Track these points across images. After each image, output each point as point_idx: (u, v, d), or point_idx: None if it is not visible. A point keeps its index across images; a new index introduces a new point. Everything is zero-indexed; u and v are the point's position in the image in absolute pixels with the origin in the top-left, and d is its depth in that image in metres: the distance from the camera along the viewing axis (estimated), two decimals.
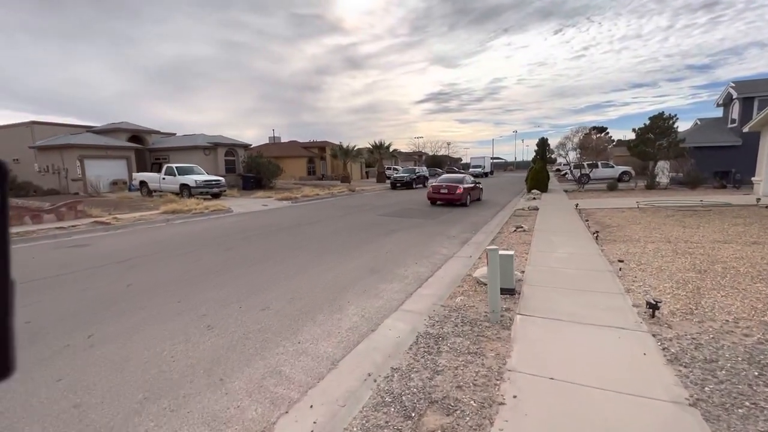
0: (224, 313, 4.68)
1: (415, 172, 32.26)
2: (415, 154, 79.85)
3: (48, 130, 24.36)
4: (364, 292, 5.49)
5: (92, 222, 11.93)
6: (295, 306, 4.92)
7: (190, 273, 6.47)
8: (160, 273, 6.51)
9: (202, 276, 6.28)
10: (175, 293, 5.43)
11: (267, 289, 5.58)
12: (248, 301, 5.10)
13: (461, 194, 15.97)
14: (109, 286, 5.85)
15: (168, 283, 5.89)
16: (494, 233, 9.63)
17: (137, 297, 5.31)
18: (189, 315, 4.65)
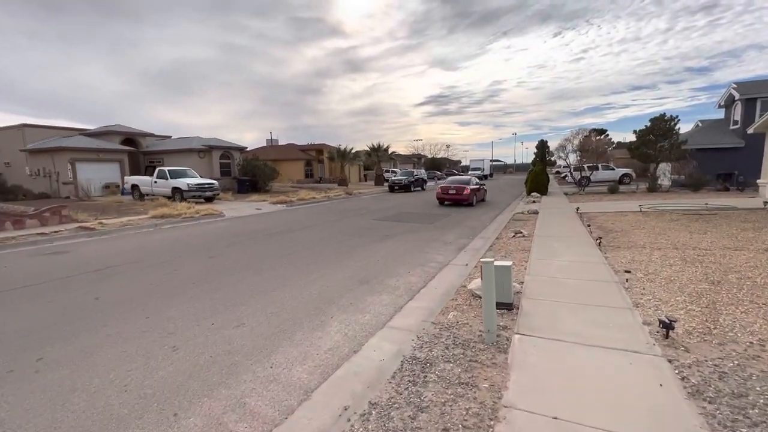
0: (194, 331, 4.27)
1: (414, 175, 31.88)
2: (414, 157, 79.50)
3: (40, 133, 23.99)
4: (351, 305, 5.08)
5: (76, 227, 11.52)
6: (272, 323, 4.50)
7: (167, 284, 6.05)
8: (135, 284, 6.09)
9: (179, 287, 5.86)
10: (146, 307, 5.01)
11: (246, 303, 5.16)
12: (223, 316, 4.68)
13: (468, 195, 17.11)
14: (76, 298, 5.43)
15: (140, 296, 5.47)
16: (492, 239, 9.22)
17: (103, 312, 4.89)
18: (154, 333, 4.23)
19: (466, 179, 18.84)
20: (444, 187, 17.95)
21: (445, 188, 17.83)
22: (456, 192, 17.36)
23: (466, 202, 17.20)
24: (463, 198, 17.19)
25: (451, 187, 17.65)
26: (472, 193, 17.44)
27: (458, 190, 17.33)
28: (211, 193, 19.52)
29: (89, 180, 21.36)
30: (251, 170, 25.82)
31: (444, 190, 17.80)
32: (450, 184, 18.03)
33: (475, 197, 17.80)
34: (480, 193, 18.91)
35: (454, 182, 18.40)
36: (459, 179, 19.19)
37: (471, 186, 17.62)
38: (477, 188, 18.29)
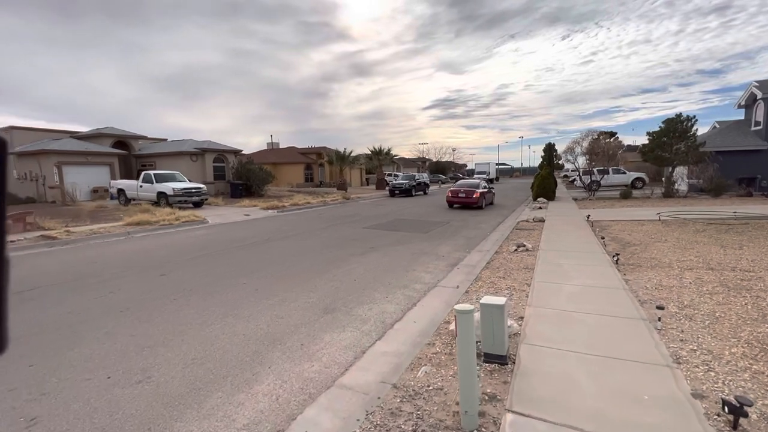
0: (76, 390, 3.18)
1: (415, 179, 30.77)
2: (419, 160, 78.51)
3: (29, 136, 23.33)
4: (301, 347, 3.97)
5: (38, 236, 10.58)
6: (188, 376, 3.41)
7: (86, 312, 4.99)
8: (48, 312, 5.03)
9: (98, 318, 4.80)
10: (37, 350, 3.94)
11: (167, 342, 4.07)
12: (128, 365, 3.59)
13: (478, 198, 17.26)
14: None
15: (41, 331, 4.40)
16: (491, 252, 8.05)
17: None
18: (22, 394, 3.15)
19: (475, 183, 19.00)
20: (454, 191, 18.10)
21: (455, 191, 17.95)
22: (466, 195, 17.45)
23: (475, 205, 17.30)
24: (472, 201, 17.27)
25: (461, 190, 17.79)
26: (482, 196, 17.60)
27: (468, 194, 17.43)
28: (198, 198, 18.58)
29: (75, 184, 20.55)
30: (245, 174, 24.90)
31: (454, 194, 17.91)
32: (460, 188, 18.17)
33: (484, 200, 18.02)
34: (489, 196, 19.06)
35: (463, 186, 18.53)
36: (468, 183, 19.34)
37: (480, 189, 17.79)
38: (486, 191, 18.53)
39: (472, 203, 17.32)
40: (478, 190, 17.53)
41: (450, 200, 17.97)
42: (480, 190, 17.74)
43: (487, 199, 18.52)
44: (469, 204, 17.34)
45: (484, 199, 17.97)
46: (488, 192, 18.99)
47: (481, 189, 17.87)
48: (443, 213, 16.23)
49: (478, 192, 17.43)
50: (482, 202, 17.65)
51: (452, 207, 17.99)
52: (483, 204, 17.74)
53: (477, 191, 17.46)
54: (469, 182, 19.68)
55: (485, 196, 18.16)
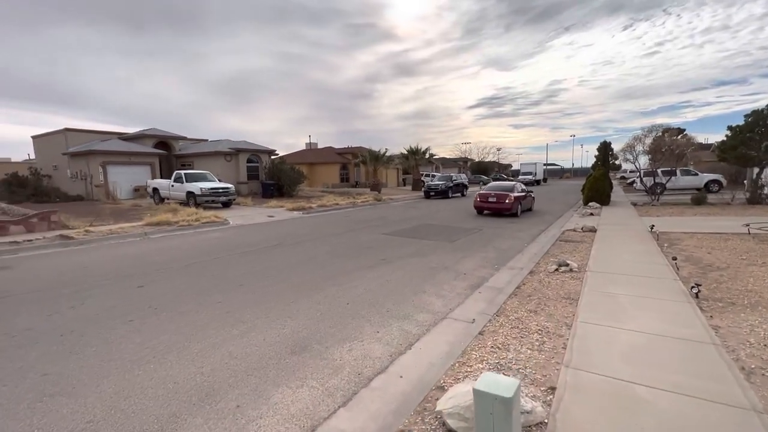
0: None
1: (452, 180, 29.11)
2: (460, 160, 76.00)
3: (81, 137, 24.81)
4: (236, 409, 2.90)
5: (56, 236, 10.59)
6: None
7: (24, 335, 4.28)
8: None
9: (26, 345, 4.06)
10: None
11: (73, 391, 3.18)
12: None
13: (511, 203, 14.79)
14: None
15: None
16: (525, 272, 6.55)
17: None
18: None
19: (509, 185, 16.28)
20: (483, 195, 15.68)
21: (485, 196, 15.53)
22: (497, 200, 15.00)
23: (508, 211, 14.79)
24: (504, 207, 14.79)
25: (491, 194, 15.31)
26: (516, 201, 15.01)
27: (499, 198, 14.97)
28: (226, 198, 18.45)
29: (116, 183, 21.42)
30: (277, 174, 24.74)
31: (483, 198, 15.52)
32: (490, 191, 15.66)
33: (520, 206, 15.36)
34: (526, 201, 16.35)
35: (494, 189, 15.94)
36: (501, 185, 16.62)
37: (515, 193, 15.26)
38: (522, 196, 15.88)
39: (504, 210, 14.89)
40: (512, 194, 15.07)
41: (478, 206, 15.65)
42: (515, 193, 15.28)
43: (524, 204, 16.03)
44: (501, 210, 14.93)
45: (520, 204, 15.44)
46: (526, 196, 16.40)
47: (516, 192, 15.42)
48: (476, 218, 14.65)
49: (512, 196, 14.95)
50: (517, 209, 15.10)
51: (482, 213, 15.72)
52: (518, 210, 15.23)
53: (511, 195, 15.00)
54: (501, 185, 16.98)
55: (521, 201, 15.68)
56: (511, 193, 15.21)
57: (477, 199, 15.78)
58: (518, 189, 15.99)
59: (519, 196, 15.44)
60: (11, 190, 22.13)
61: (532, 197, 17.41)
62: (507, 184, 17.05)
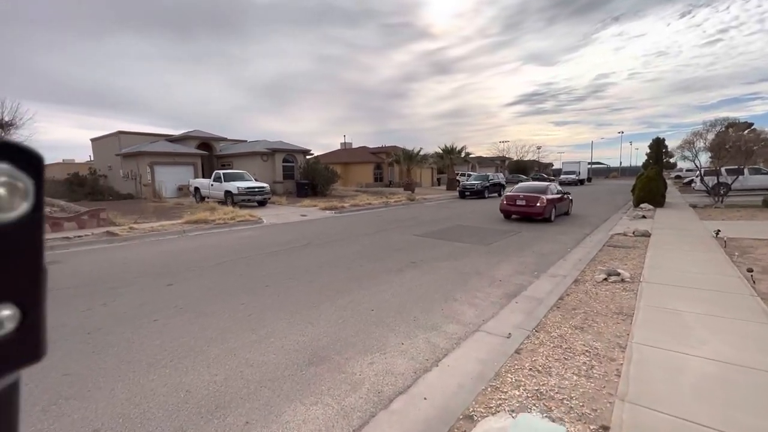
0: None
1: (489, 179, 28.13)
2: (498, 159, 73.77)
3: (133, 139, 26.44)
4: (244, 426, 2.70)
5: (104, 232, 11.18)
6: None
7: (50, 332, 4.38)
8: None
9: (51, 342, 4.12)
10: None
11: (87, 395, 3.12)
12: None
13: (543, 207, 12.86)
14: None
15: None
16: (568, 282, 5.95)
17: None
18: None
19: (541, 186, 14.38)
20: (510, 197, 13.84)
21: (512, 198, 13.71)
22: (526, 203, 13.23)
23: (539, 216, 13.03)
24: (535, 211, 13.02)
25: (520, 196, 13.49)
26: (550, 204, 13.19)
27: (529, 201, 13.18)
28: (261, 197, 18.84)
29: (162, 182, 22.58)
30: (311, 174, 25.03)
31: (510, 201, 13.75)
32: (518, 193, 13.80)
33: (554, 210, 13.51)
34: (562, 204, 14.48)
35: (524, 190, 14.01)
36: (532, 186, 14.67)
37: (548, 195, 13.37)
38: (557, 198, 13.97)
39: (534, 214, 13.02)
40: (544, 196, 13.07)
41: (505, 209, 13.83)
42: (548, 195, 13.29)
43: (559, 208, 14.06)
44: (531, 215, 13.09)
45: (554, 208, 13.46)
46: (561, 198, 14.36)
47: (549, 194, 13.42)
48: (513, 220, 13.87)
49: (544, 198, 12.97)
50: (550, 213, 13.15)
51: (509, 218, 13.97)
52: (552, 215, 13.25)
53: (543, 197, 13.02)
54: (532, 185, 14.81)
55: (556, 204, 13.65)
56: (543, 194, 13.24)
57: (504, 202, 14.00)
58: (552, 190, 13.98)
59: (553, 199, 13.47)
60: (72, 189, 24.00)
61: (569, 200, 15.37)
62: (539, 184, 14.87)
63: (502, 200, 14.15)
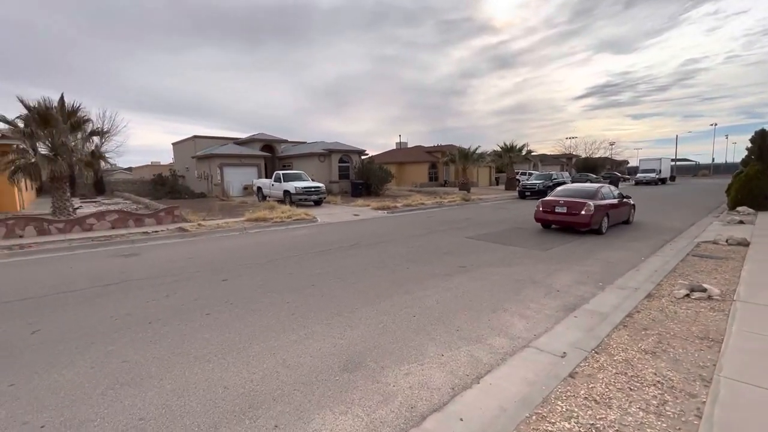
0: None
1: (552, 178, 26.41)
2: (564, 157, 69.04)
3: (206, 143, 28.89)
4: (273, 430, 2.69)
5: (176, 228, 12.29)
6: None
7: (123, 320, 4.80)
8: (81, 317, 5.05)
9: (113, 331, 4.50)
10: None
11: (142, 380, 3.34)
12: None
13: (589, 215, 10.14)
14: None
15: (20, 352, 4.29)
16: (640, 294, 5.24)
17: None
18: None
19: (589, 189, 11.44)
20: (548, 202, 11.15)
21: (550, 204, 11.03)
22: (568, 210, 10.53)
23: (585, 227, 10.35)
24: (580, 221, 10.30)
25: (560, 201, 10.80)
26: (599, 212, 10.36)
27: (572, 208, 10.45)
28: (317, 196, 19.48)
29: (229, 182, 24.38)
30: (366, 173, 25.37)
31: (547, 207, 11.05)
32: (558, 197, 11.13)
33: (606, 219, 10.71)
34: (618, 211, 11.52)
35: (566, 194, 11.32)
36: (577, 189, 11.79)
37: (597, 200, 10.55)
38: (612, 204, 11.16)
39: (578, 224, 10.38)
40: (591, 202, 10.30)
41: (541, 217, 11.24)
42: (597, 201, 10.51)
43: (614, 216, 11.24)
44: (574, 225, 10.51)
45: (607, 216, 10.71)
46: (618, 205, 11.47)
47: (599, 199, 10.63)
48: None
49: (590, 205, 10.19)
50: (600, 223, 10.40)
51: (547, 227, 11.58)
52: (602, 225, 10.51)
53: (589, 204, 10.24)
54: (577, 188, 11.98)
55: (609, 211, 10.85)
56: (590, 200, 10.42)
57: (539, 209, 11.28)
58: (605, 194, 11.20)
59: (604, 205, 10.68)
60: (155, 188, 26.92)
61: (629, 205, 12.40)
62: (587, 186, 12.13)
63: (538, 206, 11.43)
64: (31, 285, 6.37)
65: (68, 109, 12.96)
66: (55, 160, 12.36)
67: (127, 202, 21.20)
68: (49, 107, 12.34)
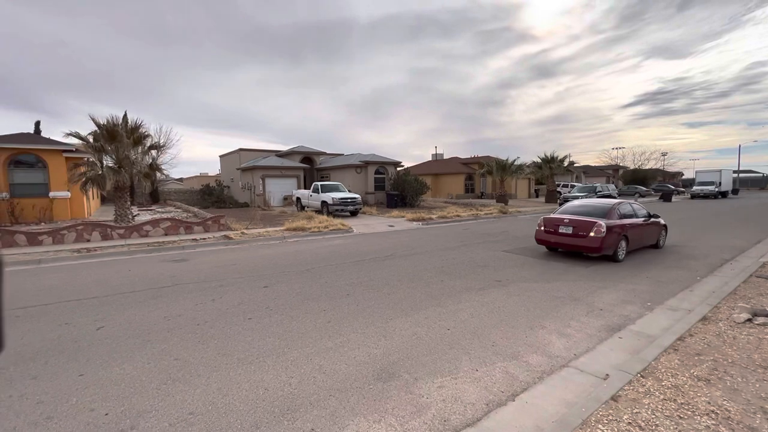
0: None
1: (596, 191, 25.16)
2: (609, 168, 65.80)
3: (250, 155, 30.48)
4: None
5: (221, 236, 13.02)
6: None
7: (174, 321, 5.17)
8: (139, 316, 5.47)
9: (161, 332, 4.86)
10: (48, 368, 4.10)
11: (179, 382, 3.59)
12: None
13: (600, 239, 8.27)
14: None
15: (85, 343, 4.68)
16: (694, 316, 4.89)
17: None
18: (21, 419, 3.10)
19: (602, 206, 9.33)
20: (551, 221, 9.31)
21: (553, 223, 9.21)
22: (574, 231, 8.71)
23: (594, 252, 8.48)
24: (587, 246, 8.49)
25: (565, 220, 8.97)
26: (613, 234, 8.44)
27: (579, 228, 8.64)
28: (353, 207, 19.85)
29: (271, 192, 25.47)
30: (401, 185, 25.54)
31: (550, 227, 9.26)
32: (564, 216, 9.23)
33: (624, 243, 8.80)
34: (641, 232, 9.52)
35: (573, 212, 9.35)
36: (587, 206, 9.63)
37: (611, 220, 8.62)
38: (635, 224, 9.23)
39: (587, 249, 8.53)
40: (603, 222, 8.41)
41: (542, 238, 9.47)
42: (611, 220, 8.61)
43: (636, 238, 9.26)
44: (581, 249, 8.67)
45: (625, 239, 8.81)
46: (642, 225, 9.50)
47: (614, 219, 8.75)
48: None
49: (602, 226, 8.33)
50: (614, 248, 8.53)
51: (554, 250, 9.93)
52: (618, 251, 8.63)
53: (600, 224, 8.37)
54: (590, 204, 9.75)
55: (628, 232, 8.89)
56: (602, 219, 8.56)
57: (540, 228, 9.52)
58: (624, 212, 9.24)
59: (621, 225, 8.72)
60: (203, 198, 28.64)
61: (658, 225, 10.31)
62: (601, 203, 9.75)
63: (539, 225, 9.67)
64: (96, 285, 7.02)
65: (131, 126, 14.27)
66: (119, 172, 13.60)
67: (178, 211, 22.76)
68: (115, 124, 13.66)
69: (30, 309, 5.65)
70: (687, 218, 18.64)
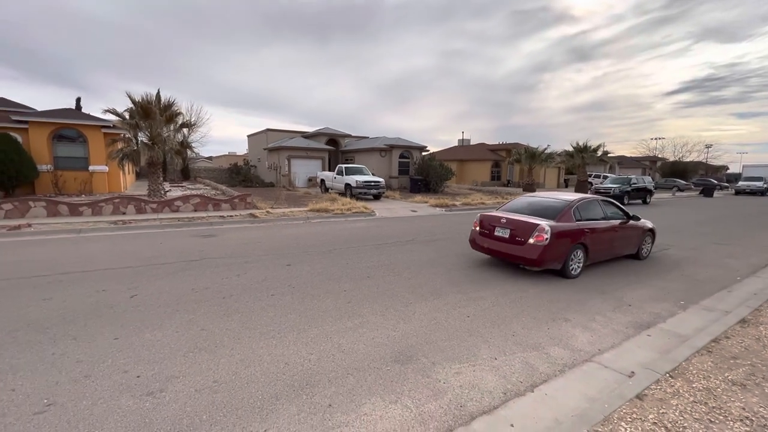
0: None
1: (630, 183, 23.96)
2: (647, 160, 62.49)
3: (277, 135, 30.84)
4: (327, 408, 2.87)
5: (248, 214, 13.35)
6: (200, 401, 2.86)
7: (200, 293, 5.37)
8: (169, 287, 5.70)
9: (192, 303, 5.05)
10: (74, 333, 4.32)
11: (210, 347, 3.74)
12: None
13: (540, 246, 6.15)
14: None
15: (78, 315, 4.91)
16: (732, 318, 4.63)
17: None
18: (26, 405, 3.32)
19: (556, 205, 6.96)
20: (487, 220, 7.22)
21: (489, 223, 7.13)
22: (511, 234, 6.61)
23: (532, 264, 6.34)
24: (523, 255, 6.35)
25: (503, 219, 6.87)
26: (559, 243, 6.25)
27: (517, 232, 6.54)
28: (376, 191, 19.83)
29: (296, 174, 25.78)
30: (425, 170, 25.23)
31: (485, 228, 7.19)
32: (503, 214, 7.07)
33: (581, 254, 6.62)
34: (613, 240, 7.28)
35: (518, 210, 7.27)
36: (538, 203, 7.34)
37: (558, 224, 6.36)
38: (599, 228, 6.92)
39: (522, 260, 6.40)
40: (546, 225, 6.21)
41: (475, 243, 7.35)
42: (556, 224, 6.33)
43: (601, 248, 7.01)
44: (516, 259, 6.53)
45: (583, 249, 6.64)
46: (612, 229, 7.20)
47: (566, 223, 6.49)
48: (661, 232, 11.47)
49: (545, 230, 6.15)
50: (562, 260, 6.35)
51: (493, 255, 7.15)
52: (570, 264, 6.45)
53: (543, 228, 6.18)
54: (537, 202, 7.41)
55: (588, 239, 6.62)
56: (547, 221, 6.40)
57: (475, 228, 7.47)
58: (584, 212, 6.92)
59: (574, 231, 6.47)
60: (231, 176, 29.38)
61: (640, 230, 7.91)
62: (556, 200, 7.21)
63: (474, 225, 7.57)
64: (130, 256, 7.38)
65: (164, 103, 14.68)
66: (152, 148, 14.10)
67: (207, 188, 23.47)
68: (149, 101, 14.08)
69: (72, 275, 6.02)
70: (726, 216, 17.53)
